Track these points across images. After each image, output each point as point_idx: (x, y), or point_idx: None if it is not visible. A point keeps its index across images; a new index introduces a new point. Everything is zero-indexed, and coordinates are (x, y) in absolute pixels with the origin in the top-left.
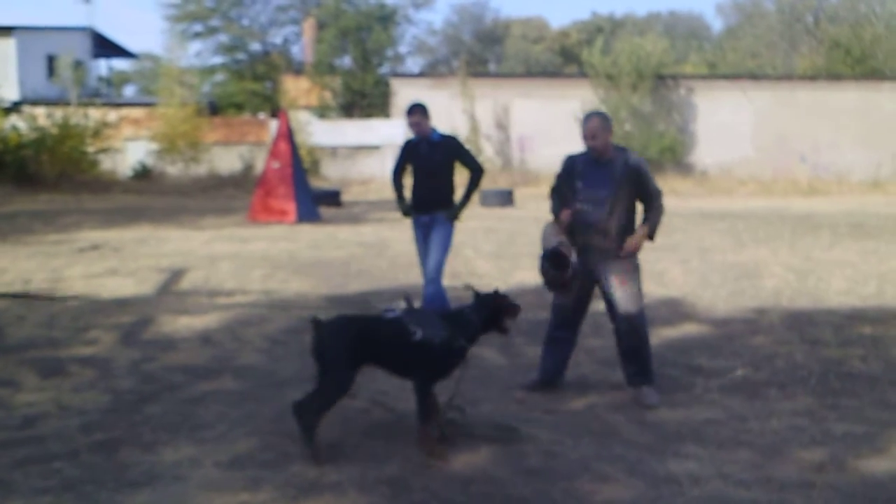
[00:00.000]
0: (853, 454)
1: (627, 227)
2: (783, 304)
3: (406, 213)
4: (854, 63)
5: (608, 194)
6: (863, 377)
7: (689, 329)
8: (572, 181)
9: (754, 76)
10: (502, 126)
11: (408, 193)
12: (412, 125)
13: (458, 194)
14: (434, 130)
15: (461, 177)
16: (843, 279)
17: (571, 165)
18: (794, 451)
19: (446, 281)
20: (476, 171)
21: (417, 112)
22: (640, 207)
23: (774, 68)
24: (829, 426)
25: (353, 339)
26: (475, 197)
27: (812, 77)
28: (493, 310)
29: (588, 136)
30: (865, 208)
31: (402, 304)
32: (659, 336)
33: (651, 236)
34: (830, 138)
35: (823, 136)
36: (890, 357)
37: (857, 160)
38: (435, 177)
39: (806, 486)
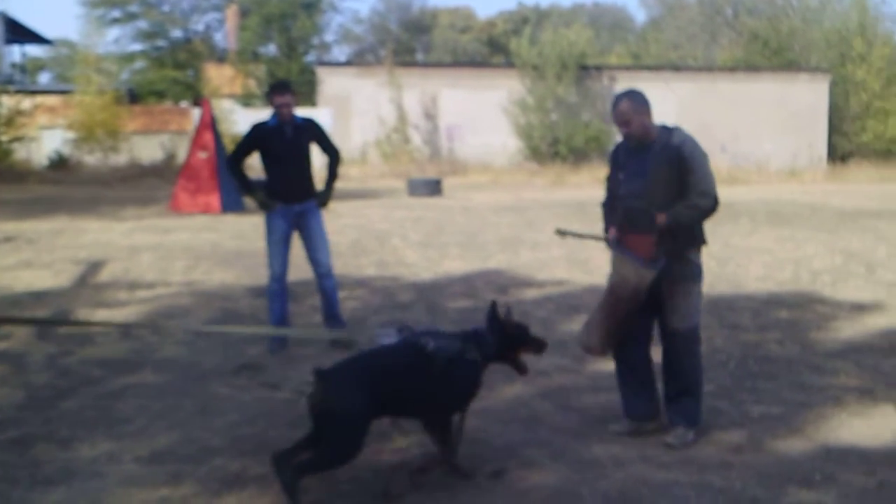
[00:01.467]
0: (770, 435)
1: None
2: (703, 290)
3: (266, 205)
4: (772, 55)
5: (644, 182)
6: (779, 360)
7: None
8: (616, 175)
9: (676, 67)
10: (430, 115)
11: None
12: (281, 106)
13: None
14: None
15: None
16: (760, 265)
17: (615, 157)
18: (714, 432)
19: (374, 270)
20: (336, 155)
21: (290, 92)
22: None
23: (696, 60)
24: (747, 408)
25: (370, 387)
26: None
27: (732, 68)
28: (508, 336)
29: (620, 122)
30: (782, 196)
31: (391, 331)
32: (581, 323)
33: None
34: (749, 128)
35: (743, 126)
36: (806, 340)
37: (774, 149)
38: (302, 162)
39: (725, 467)
